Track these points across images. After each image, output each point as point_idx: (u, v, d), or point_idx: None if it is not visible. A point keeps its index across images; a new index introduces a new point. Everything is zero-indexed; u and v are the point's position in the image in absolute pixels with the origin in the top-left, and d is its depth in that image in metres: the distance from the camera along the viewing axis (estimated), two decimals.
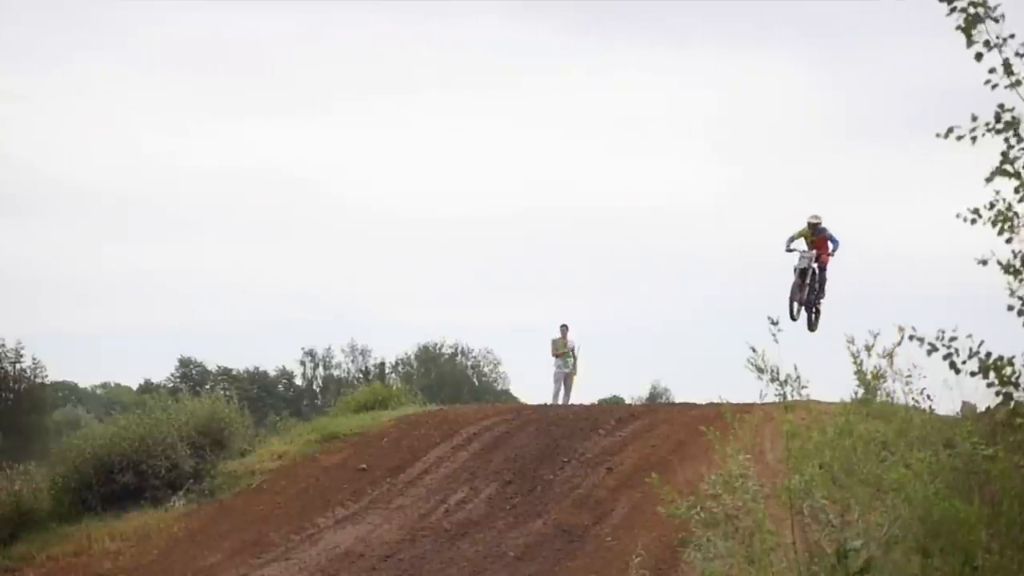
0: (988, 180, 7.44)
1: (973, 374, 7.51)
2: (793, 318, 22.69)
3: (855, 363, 8.86)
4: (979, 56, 7.33)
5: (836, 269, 23.10)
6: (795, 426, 8.70)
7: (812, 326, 23.01)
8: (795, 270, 22.90)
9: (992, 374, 7.45)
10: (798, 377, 8.90)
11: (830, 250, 22.98)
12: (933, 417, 8.90)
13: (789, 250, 22.78)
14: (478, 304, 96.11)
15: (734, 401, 11.76)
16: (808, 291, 22.88)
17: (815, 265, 22.94)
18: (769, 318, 8.85)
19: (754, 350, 8.85)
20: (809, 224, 23.08)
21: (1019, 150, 7.41)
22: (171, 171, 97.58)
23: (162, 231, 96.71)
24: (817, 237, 22.97)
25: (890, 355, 8.80)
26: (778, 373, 8.87)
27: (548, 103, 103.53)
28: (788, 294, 22.90)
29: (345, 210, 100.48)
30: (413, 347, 71.58)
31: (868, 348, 8.93)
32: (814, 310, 23.07)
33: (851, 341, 8.93)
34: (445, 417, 23.34)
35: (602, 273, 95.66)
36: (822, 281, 23.20)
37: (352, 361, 75.18)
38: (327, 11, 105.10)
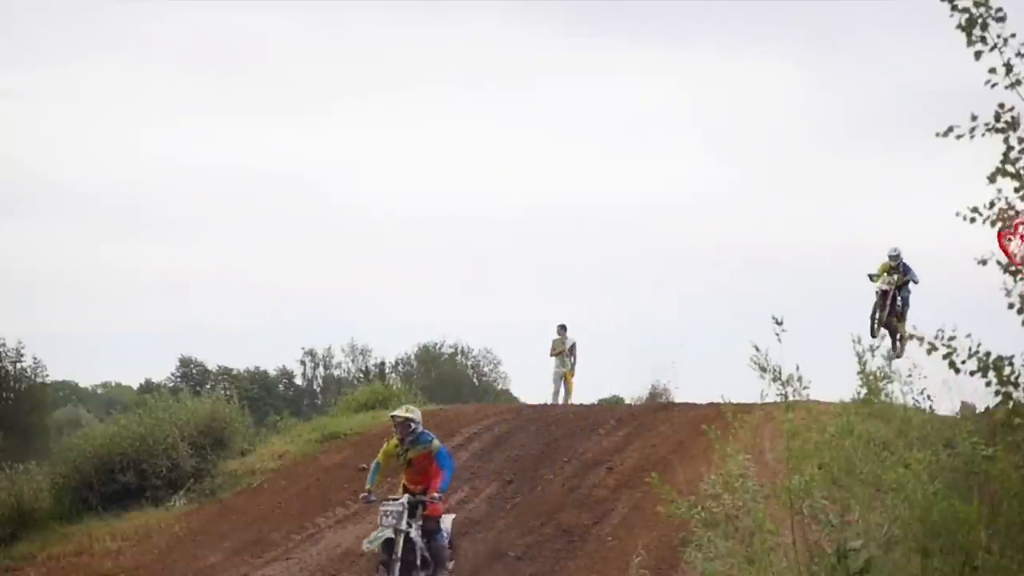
0: (990, 180, 7.45)
1: (972, 373, 7.52)
2: None
3: (860, 363, 8.88)
4: (979, 56, 7.34)
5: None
6: (795, 426, 8.71)
7: None
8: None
9: (992, 374, 7.47)
10: (800, 377, 8.93)
11: (442, 481, 13.37)
12: (933, 417, 8.91)
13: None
14: (478, 304, 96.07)
15: (734, 401, 11.80)
16: None
17: (418, 539, 13.33)
18: (773, 317, 8.86)
19: (757, 349, 8.88)
20: (396, 422, 13.52)
21: (1020, 151, 7.43)
22: (171, 171, 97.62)
23: (162, 231, 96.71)
24: (419, 452, 13.48)
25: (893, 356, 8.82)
26: (780, 373, 8.89)
27: (548, 103, 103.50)
28: None
29: (345, 210, 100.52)
30: (413, 347, 71.60)
31: (872, 349, 8.95)
32: None
33: (856, 341, 8.95)
34: (445, 417, 23.35)
35: (602, 273, 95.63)
36: (438, 560, 13.44)
37: (352, 361, 75.23)
38: (327, 11, 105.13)
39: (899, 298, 21.54)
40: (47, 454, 26.88)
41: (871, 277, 21.61)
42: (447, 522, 13.93)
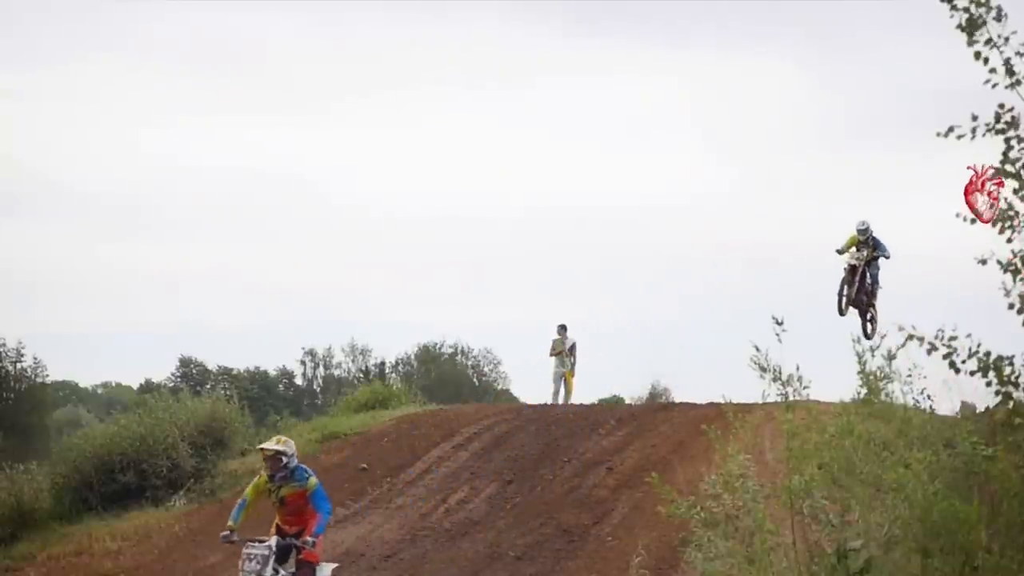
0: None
1: (972, 373, 7.52)
2: None
3: (859, 363, 8.87)
4: (979, 56, 7.34)
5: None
6: (795, 426, 8.71)
7: None
8: None
9: (992, 374, 7.46)
10: (800, 377, 8.92)
11: (318, 525, 11.92)
12: (933, 417, 8.90)
13: None
14: (478, 304, 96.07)
15: (735, 401, 11.80)
16: None
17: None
18: (773, 318, 8.86)
19: (757, 349, 8.87)
20: (265, 455, 12.02)
21: (1019, 150, 7.43)
22: (171, 171, 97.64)
23: (161, 231, 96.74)
24: (292, 490, 12.08)
25: (892, 356, 8.81)
26: (780, 373, 8.88)
27: (547, 103, 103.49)
28: None
29: (345, 210, 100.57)
30: (413, 347, 71.61)
31: (873, 349, 8.94)
32: None
33: (856, 341, 8.95)
34: (445, 417, 23.36)
35: (602, 272, 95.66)
36: None
37: (352, 361, 75.25)
38: (327, 11, 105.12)
39: (868, 275, 20.32)
40: (47, 454, 26.91)
41: (838, 251, 20.33)
42: (326, 571, 12.27)
